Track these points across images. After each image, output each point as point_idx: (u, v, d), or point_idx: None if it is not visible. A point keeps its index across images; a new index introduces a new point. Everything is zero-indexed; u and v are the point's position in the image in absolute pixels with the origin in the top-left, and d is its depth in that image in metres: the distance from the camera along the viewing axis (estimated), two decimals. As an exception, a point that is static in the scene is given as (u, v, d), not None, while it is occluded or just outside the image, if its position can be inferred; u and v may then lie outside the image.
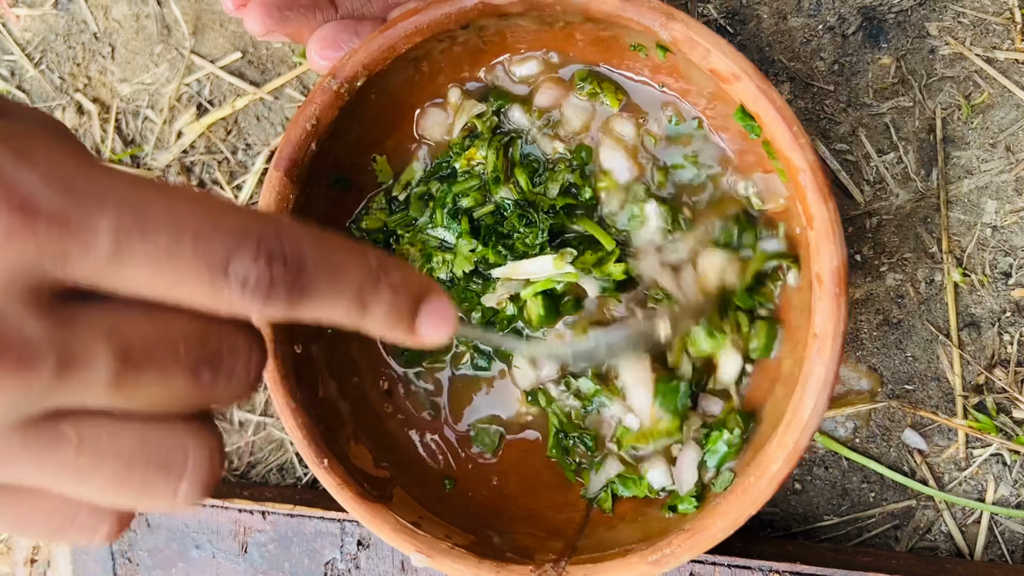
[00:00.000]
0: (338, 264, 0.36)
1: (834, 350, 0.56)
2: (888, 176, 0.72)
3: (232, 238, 0.33)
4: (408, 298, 0.38)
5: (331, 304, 0.36)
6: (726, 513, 0.58)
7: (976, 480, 0.70)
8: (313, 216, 0.68)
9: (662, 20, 0.58)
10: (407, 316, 0.38)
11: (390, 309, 0.37)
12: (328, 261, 0.35)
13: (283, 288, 0.34)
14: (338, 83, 0.64)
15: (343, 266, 0.36)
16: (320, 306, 0.35)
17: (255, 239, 0.33)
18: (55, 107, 0.88)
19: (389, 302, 0.37)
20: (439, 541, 0.63)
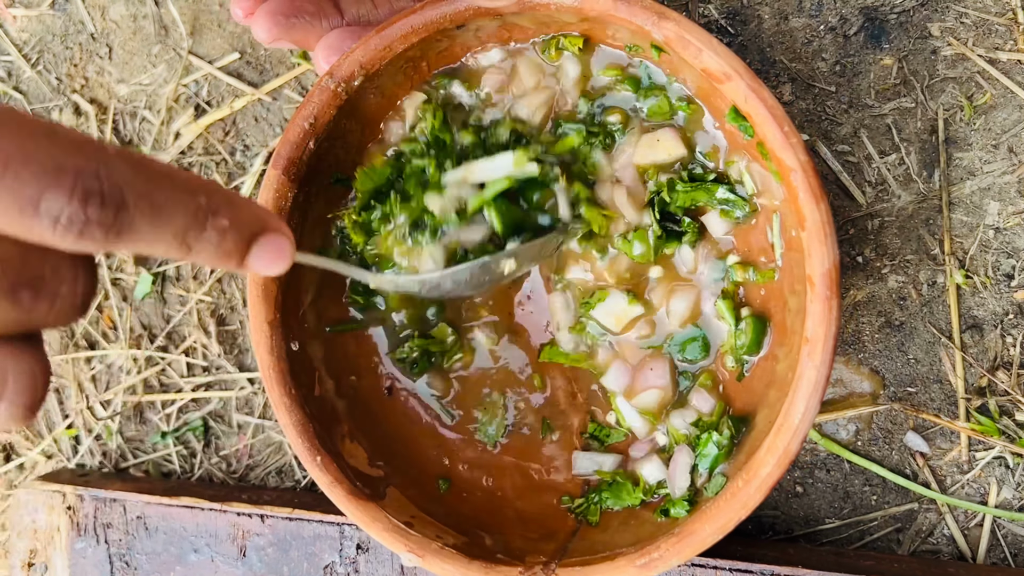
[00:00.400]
0: (162, 204, 0.35)
1: (825, 353, 0.56)
2: (890, 177, 0.71)
3: (47, 173, 0.32)
4: (237, 237, 0.38)
5: (151, 244, 0.35)
6: (715, 517, 0.58)
7: (979, 483, 0.70)
8: (313, 215, 0.68)
9: (654, 19, 0.57)
10: (236, 255, 0.38)
11: (216, 251, 0.37)
12: (151, 200, 0.34)
13: (98, 228, 0.33)
14: (336, 82, 0.63)
15: (168, 206, 0.35)
16: (139, 246, 0.35)
17: (71, 175, 0.32)
18: (52, 108, 0.87)
19: (215, 243, 0.37)
20: (430, 541, 0.63)
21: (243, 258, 0.39)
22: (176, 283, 0.85)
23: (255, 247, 0.39)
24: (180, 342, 0.85)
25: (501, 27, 0.64)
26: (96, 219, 0.33)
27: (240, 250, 0.38)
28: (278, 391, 0.65)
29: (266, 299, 0.65)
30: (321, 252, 0.70)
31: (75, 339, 0.87)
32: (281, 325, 0.66)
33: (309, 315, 0.69)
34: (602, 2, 0.58)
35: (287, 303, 0.66)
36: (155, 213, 0.34)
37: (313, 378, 0.68)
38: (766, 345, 0.65)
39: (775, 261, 0.64)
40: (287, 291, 0.66)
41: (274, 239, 0.39)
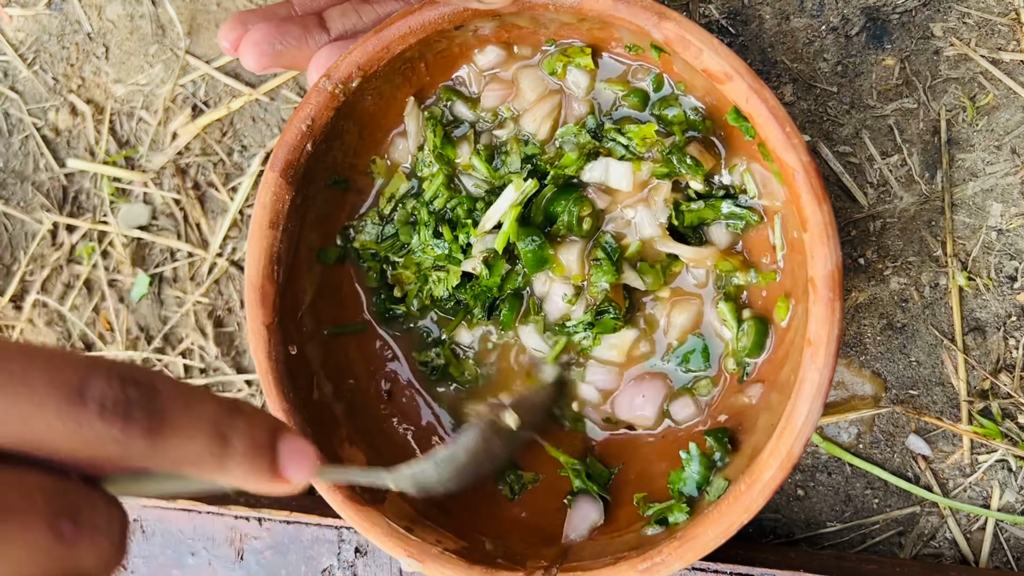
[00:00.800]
0: (190, 394, 0.35)
1: (828, 356, 0.55)
2: (892, 179, 0.71)
3: (84, 365, 0.32)
4: (265, 431, 0.37)
5: (191, 435, 0.34)
6: (717, 521, 0.58)
7: (981, 486, 0.69)
8: (311, 217, 0.68)
9: (654, 19, 0.57)
10: (267, 450, 0.37)
11: (250, 442, 0.36)
12: (179, 390, 0.35)
13: (141, 411, 0.33)
14: (333, 84, 0.63)
15: (196, 396, 0.35)
16: (181, 436, 0.34)
17: (106, 367, 0.33)
18: (48, 108, 0.87)
19: (248, 434, 0.36)
20: (430, 546, 0.63)
21: (275, 456, 0.38)
22: (173, 284, 0.85)
23: (282, 449, 0.38)
24: (177, 344, 0.84)
25: (500, 27, 0.63)
26: (137, 401, 0.33)
27: (271, 444, 0.38)
28: (276, 395, 0.65)
29: (264, 302, 0.65)
30: (320, 253, 0.69)
31: (72, 340, 0.86)
32: (279, 329, 0.65)
33: (307, 319, 0.69)
34: (601, 1, 0.58)
35: (285, 307, 0.66)
36: (187, 400, 0.35)
37: (311, 382, 0.67)
38: (768, 347, 0.64)
39: (777, 262, 0.64)
40: (285, 295, 0.66)
41: (296, 438, 0.39)
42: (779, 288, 0.64)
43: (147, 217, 0.85)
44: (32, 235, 0.87)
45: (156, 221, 0.85)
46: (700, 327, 0.67)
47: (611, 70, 0.66)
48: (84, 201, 0.86)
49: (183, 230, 0.84)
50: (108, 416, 0.32)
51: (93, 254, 0.85)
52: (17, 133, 0.88)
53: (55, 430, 0.32)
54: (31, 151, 0.87)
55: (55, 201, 0.86)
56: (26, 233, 0.87)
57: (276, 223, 0.65)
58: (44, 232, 0.87)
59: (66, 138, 0.87)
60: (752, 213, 0.63)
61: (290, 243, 0.66)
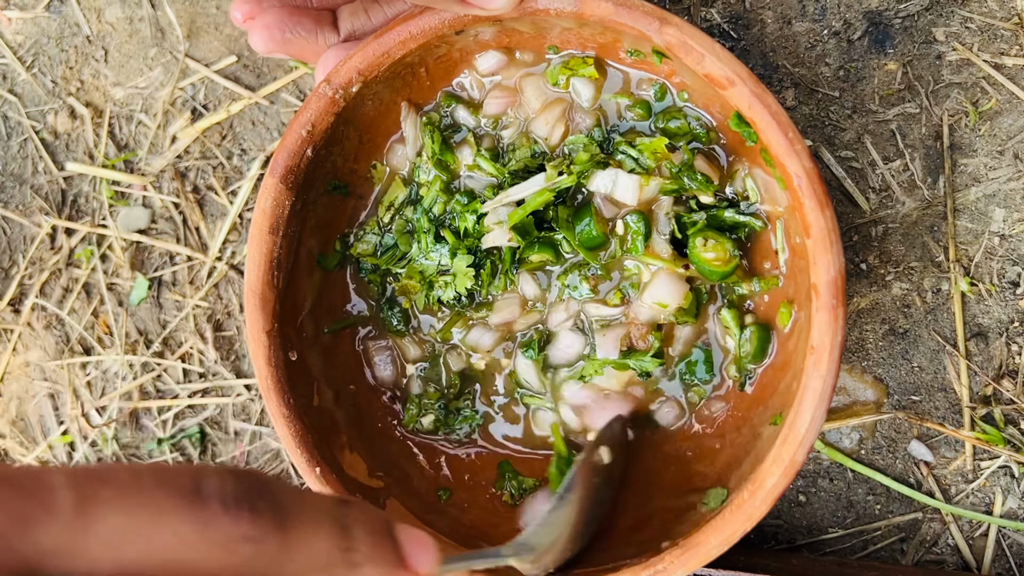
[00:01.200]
0: (298, 488, 0.34)
1: (831, 363, 0.55)
2: (894, 184, 0.70)
3: (192, 469, 0.31)
4: (380, 520, 0.35)
5: (316, 528, 0.32)
6: (720, 529, 0.57)
7: (983, 493, 0.69)
8: (311, 223, 0.67)
9: (656, 25, 0.57)
10: (389, 539, 0.35)
11: (371, 530, 0.34)
12: (288, 484, 0.33)
13: (263, 502, 0.31)
14: (333, 89, 0.62)
15: (306, 490, 0.34)
16: (307, 529, 0.32)
17: (212, 468, 0.31)
18: (47, 111, 0.86)
19: (367, 523, 0.34)
20: None
21: (397, 543, 0.36)
22: (172, 288, 0.84)
23: (401, 537, 0.36)
24: (176, 348, 0.84)
25: (501, 32, 0.63)
26: (256, 491, 0.31)
27: (389, 532, 0.36)
28: (276, 402, 0.64)
29: (264, 308, 0.64)
30: (320, 259, 0.69)
31: (70, 344, 0.86)
32: (279, 335, 0.65)
33: (307, 324, 0.68)
34: (602, 6, 0.57)
35: (285, 312, 0.66)
36: (299, 494, 0.33)
37: (312, 388, 0.67)
38: (771, 353, 0.64)
39: (779, 267, 0.63)
40: (285, 300, 0.66)
41: (409, 528, 0.37)
42: (781, 294, 0.63)
43: (146, 221, 0.84)
44: (31, 238, 0.87)
45: (155, 225, 0.84)
46: (702, 337, 0.66)
47: (615, 81, 0.66)
48: (83, 204, 0.86)
49: (182, 234, 0.84)
50: (233, 511, 0.30)
51: (92, 257, 0.85)
52: (16, 136, 0.87)
53: (183, 538, 0.29)
54: (30, 154, 0.87)
55: (54, 204, 0.86)
56: (24, 236, 0.87)
57: (276, 228, 0.64)
58: (43, 235, 0.86)
59: (65, 141, 0.86)
60: (755, 219, 0.63)
61: (290, 249, 0.65)
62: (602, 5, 0.57)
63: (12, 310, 0.88)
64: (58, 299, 0.87)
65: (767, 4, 0.72)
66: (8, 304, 0.87)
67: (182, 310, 0.84)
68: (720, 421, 0.66)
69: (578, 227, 0.65)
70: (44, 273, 0.86)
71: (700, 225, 0.63)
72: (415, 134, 0.68)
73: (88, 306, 0.86)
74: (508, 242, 0.65)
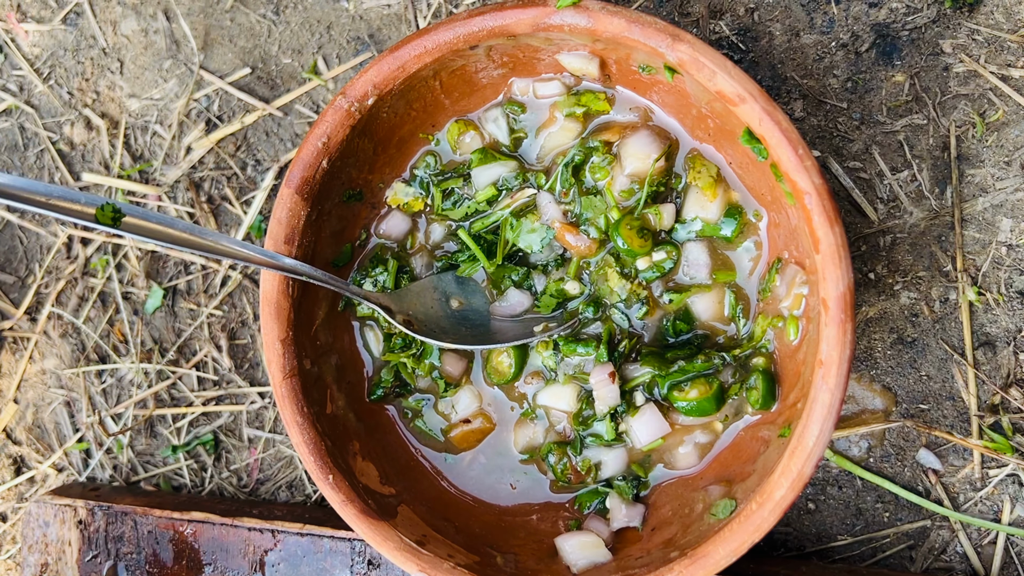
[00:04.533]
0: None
1: (839, 376, 0.56)
2: (902, 194, 0.71)
3: None
4: None
5: None
6: (728, 540, 0.58)
7: (992, 500, 0.70)
8: (326, 232, 0.68)
9: (668, 41, 0.57)
10: None
11: None
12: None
13: None
14: (349, 102, 0.63)
15: None
16: None
17: None
18: (64, 122, 0.87)
19: None
20: (442, 560, 0.63)
21: None
22: (187, 297, 0.85)
23: None
24: (191, 356, 0.85)
25: (514, 47, 0.64)
26: None
27: None
28: (291, 409, 0.65)
29: (279, 318, 0.65)
30: (335, 264, 0.70)
31: (86, 352, 0.87)
32: (294, 343, 0.66)
33: (321, 333, 0.69)
34: (615, 23, 0.58)
35: (299, 321, 0.67)
36: None
37: (325, 395, 0.68)
38: (776, 400, 0.65)
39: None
40: (299, 310, 0.66)
41: None
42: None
43: (161, 230, 0.85)
44: (47, 248, 0.88)
45: (170, 234, 0.85)
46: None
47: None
48: (99, 214, 0.87)
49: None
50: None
51: (108, 267, 0.86)
52: (33, 147, 0.88)
53: None
54: (46, 164, 0.88)
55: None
56: (41, 246, 0.88)
57: (292, 239, 0.65)
58: (59, 245, 0.87)
59: (81, 152, 0.87)
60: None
61: (305, 257, 0.66)
62: (614, 22, 0.58)
63: (29, 319, 0.89)
64: (74, 308, 0.88)
65: (775, 17, 0.73)
66: (25, 313, 0.88)
67: (197, 319, 0.85)
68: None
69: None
70: (60, 282, 0.87)
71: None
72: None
73: (104, 315, 0.87)
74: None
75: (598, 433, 0.69)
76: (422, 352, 0.71)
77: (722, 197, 0.66)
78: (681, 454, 0.67)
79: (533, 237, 0.69)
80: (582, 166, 0.68)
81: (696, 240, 0.67)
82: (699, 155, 0.66)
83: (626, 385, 0.68)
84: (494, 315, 0.70)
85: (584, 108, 0.67)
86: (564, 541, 0.66)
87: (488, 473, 0.71)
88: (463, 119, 0.70)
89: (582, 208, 0.68)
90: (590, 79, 0.66)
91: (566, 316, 0.69)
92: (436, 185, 0.70)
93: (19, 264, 0.89)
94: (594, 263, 0.69)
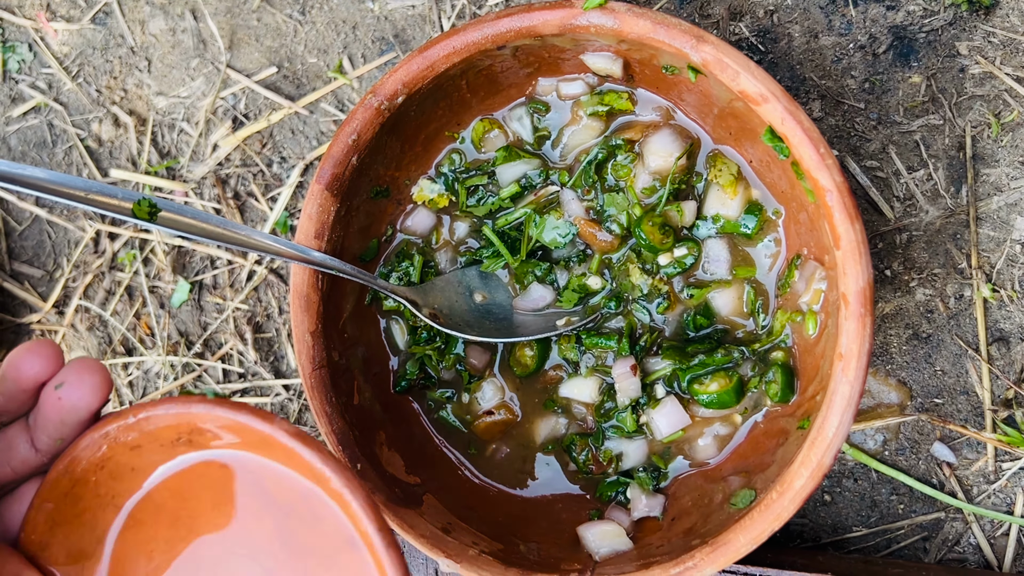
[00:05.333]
0: None
1: (859, 369, 0.57)
2: (918, 193, 0.73)
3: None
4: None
5: None
6: (749, 528, 0.59)
7: (1005, 493, 0.71)
8: (354, 228, 0.70)
9: (693, 43, 0.59)
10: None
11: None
12: None
13: None
14: (379, 100, 0.65)
15: None
16: None
17: None
18: (92, 119, 0.89)
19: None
20: (467, 548, 0.65)
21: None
22: (213, 291, 0.87)
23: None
24: (217, 349, 0.87)
25: (541, 48, 0.65)
26: None
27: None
28: (319, 400, 0.67)
29: (308, 310, 0.67)
30: (362, 259, 0.72)
31: (112, 345, 0.89)
32: (323, 335, 0.67)
33: (349, 326, 0.71)
34: (641, 24, 0.60)
35: (328, 314, 0.68)
36: None
37: (352, 387, 0.70)
38: (795, 393, 0.67)
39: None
40: (328, 303, 0.68)
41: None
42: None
43: (187, 226, 0.87)
44: (75, 243, 0.90)
45: (196, 230, 0.87)
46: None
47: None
48: (126, 210, 0.88)
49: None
50: None
51: (135, 261, 0.88)
52: (61, 143, 0.90)
53: None
54: (75, 161, 0.90)
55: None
56: (69, 240, 0.90)
57: (321, 234, 0.67)
58: (87, 240, 0.89)
59: (109, 149, 0.89)
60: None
61: (333, 252, 0.68)
62: (640, 23, 0.59)
63: (57, 312, 0.90)
64: (101, 301, 0.89)
65: (794, 18, 0.74)
66: (53, 306, 0.90)
67: (223, 312, 0.86)
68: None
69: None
70: (88, 276, 0.89)
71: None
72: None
73: (130, 308, 0.88)
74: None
75: (619, 425, 0.70)
76: (447, 345, 0.73)
77: (742, 195, 0.67)
78: (701, 446, 0.69)
79: (556, 233, 0.71)
80: (605, 164, 0.70)
81: (716, 237, 0.69)
82: (720, 154, 0.68)
83: (647, 378, 0.69)
84: (517, 309, 0.72)
85: (607, 107, 0.68)
86: (586, 530, 0.68)
87: (511, 464, 0.73)
88: (488, 118, 0.72)
89: (604, 205, 0.69)
90: (614, 79, 0.68)
91: (588, 310, 0.71)
92: (461, 183, 0.72)
93: (47, 258, 0.91)
94: (616, 259, 0.71)
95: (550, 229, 0.71)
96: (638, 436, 0.70)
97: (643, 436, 0.70)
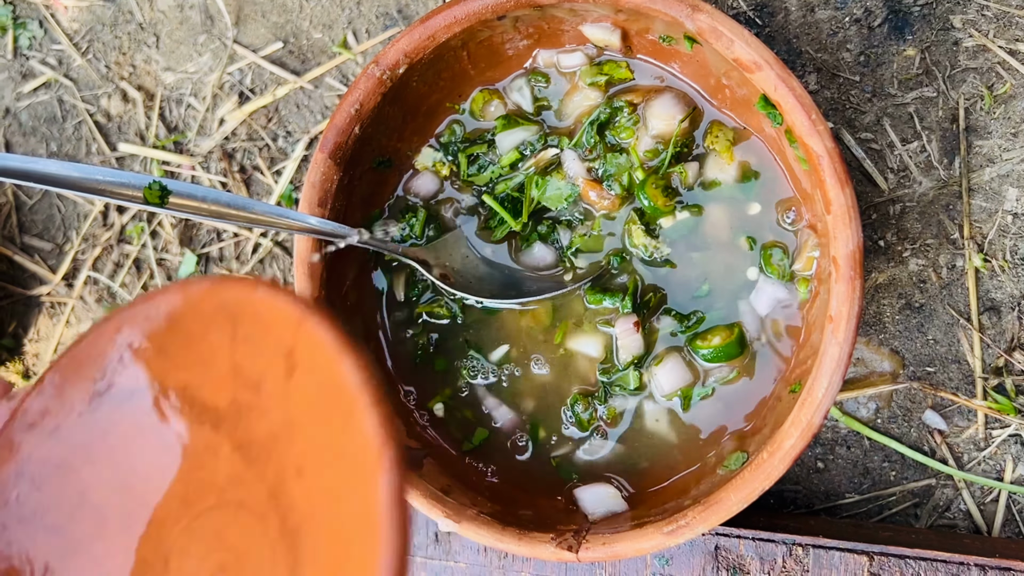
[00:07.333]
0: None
1: (848, 331, 0.58)
2: (912, 164, 0.74)
3: None
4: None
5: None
6: (740, 487, 0.61)
7: (995, 460, 0.72)
8: (356, 197, 0.71)
9: (688, 11, 0.60)
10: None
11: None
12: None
13: None
14: (381, 70, 0.66)
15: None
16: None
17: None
18: (101, 95, 0.91)
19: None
20: (465, 508, 0.66)
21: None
22: (219, 263, 0.89)
23: None
24: (223, 320, 0.88)
25: (540, 19, 0.66)
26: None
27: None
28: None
29: (312, 277, 0.68)
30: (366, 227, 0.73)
31: (122, 317, 0.90)
32: (326, 302, 0.69)
33: (351, 293, 0.72)
34: (637, -7, 0.61)
35: (331, 281, 0.70)
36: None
37: (356, 354, 0.71)
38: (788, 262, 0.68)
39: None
40: (331, 270, 0.70)
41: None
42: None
43: (194, 199, 0.89)
44: (84, 216, 0.91)
45: (203, 203, 0.89)
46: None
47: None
48: (134, 184, 0.90)
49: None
50: None
51: (143, 234, 0.90)
52: (71, 118, 0.92)
53: None
54: (84, 136, 0.92)
55: (107, 183, 0.90)
56: (78, 214, 0.92)
57: (324, 202, 0.68)
58: (96, 213, 0.91)
59: (117, 123, 0.91)
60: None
61: (336, 221, 0.69)
62: (637, -9, 0.60)
63: (66, 284, 0.92)
64: (110, 273, 0.91)
65: (791, -8, 0.75)
66: (62, 279, 0.92)
67: (228, 284, 0.88)
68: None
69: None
70: (96, 249, 0.91)
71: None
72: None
73: (138, 280, 0.90)
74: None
75: (622, 383, 0.71)
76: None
77: (739, 161, 0.68)
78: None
79: (558, 194, 0.72)
80: (607, 125, 0.71)
81: (716, 202, 0.70)
82: (716, 121, 0.69)
83: (651, 336, 0.70)
84: (524, 266, 0.73)
85: (607, 76, 0.69)
86: (583, 492, 0.69)
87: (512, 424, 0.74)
88: (488, 89, 0.73)
89: (606, 165, 0.70)
90: (612, 50, 0.69)
91: (592, 267, 0.72)
92: (462, 151, 0.73)
93: (56, 232, 0.93)
94: (618, 217, 0.72)
95: (552, 189, 0.72)
96: (641, 393, 0.71)
97: (646, 393, 0.71)
